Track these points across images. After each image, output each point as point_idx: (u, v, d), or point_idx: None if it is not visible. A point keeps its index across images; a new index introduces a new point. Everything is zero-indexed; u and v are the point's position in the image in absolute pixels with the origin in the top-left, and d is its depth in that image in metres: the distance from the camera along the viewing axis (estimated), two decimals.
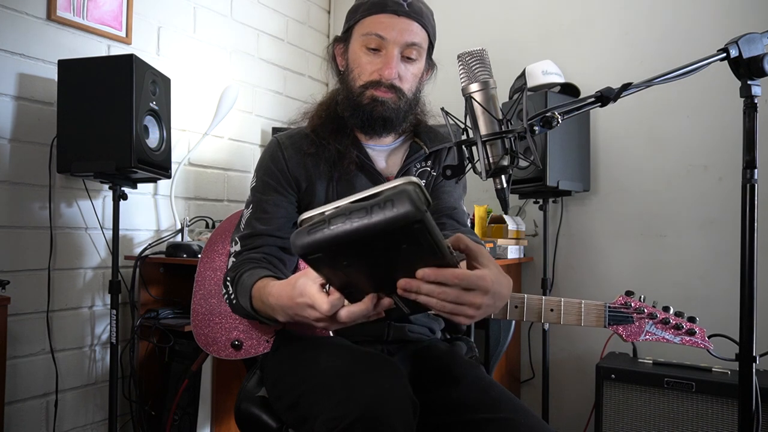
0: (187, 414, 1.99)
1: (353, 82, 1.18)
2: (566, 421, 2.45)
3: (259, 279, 1.05)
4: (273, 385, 1.13)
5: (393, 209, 0.65)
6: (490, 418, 0.98)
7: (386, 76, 1.14)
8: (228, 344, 1.22)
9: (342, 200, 0.75)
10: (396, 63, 1.14)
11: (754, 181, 0.97)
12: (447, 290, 0.80)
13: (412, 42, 1.15)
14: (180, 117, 2.29)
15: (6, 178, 1.83)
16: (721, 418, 1.78)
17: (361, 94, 1.17)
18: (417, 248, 0.72)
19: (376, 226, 0.66)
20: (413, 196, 0.65)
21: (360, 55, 1.17)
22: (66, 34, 1.97)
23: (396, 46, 1.14)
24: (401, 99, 1.17)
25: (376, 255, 0.73)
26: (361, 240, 0.68)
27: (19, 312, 1.84)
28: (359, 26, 1.17)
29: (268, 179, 1.21)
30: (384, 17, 1.13)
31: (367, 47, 1.15)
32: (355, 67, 1.18)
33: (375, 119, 1.17)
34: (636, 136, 2.34)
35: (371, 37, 1.14)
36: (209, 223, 2.37)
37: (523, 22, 2.63)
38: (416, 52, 1.17)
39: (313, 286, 0.86)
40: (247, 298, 1.06)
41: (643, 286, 2.29)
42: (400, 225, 0.65)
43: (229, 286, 1.15)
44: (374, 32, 1.14)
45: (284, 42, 2.89)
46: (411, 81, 1.19)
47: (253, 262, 1.14)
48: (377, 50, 1.15)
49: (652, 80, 0.94)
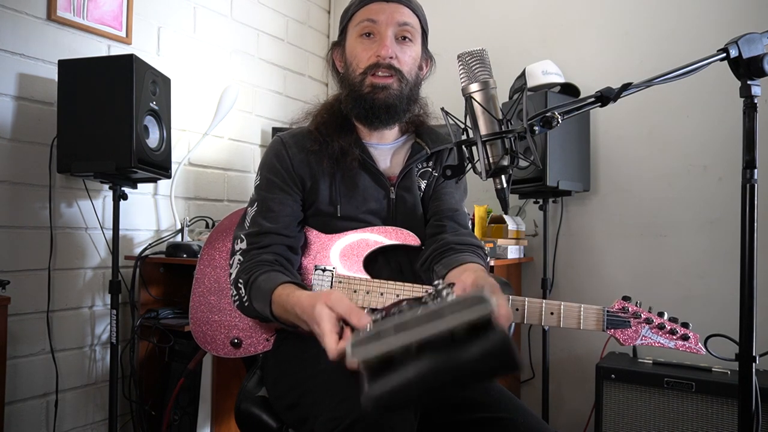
0: (187, 414, 1.99)
1: (353, 73, 1.19)
2: (566, 421, 2.45)
3: (280, 285, 1.05)
4: (273, 384, 1.13)
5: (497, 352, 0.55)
6: (490, 418, 0.98)
7: (383, 55, 1.15)
8: (227, 342, 1.22)
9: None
10: (391, 42, 1.16)
11: (754, 181, 0.97)
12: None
13: (405, 21, 1.17)
14: (180, 117, 2.29)
15: (6, 178, 1.83)
16: (721, 418, 1.78)
17: (362, 83, 1.17)
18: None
19: (471, 368, 0.56)
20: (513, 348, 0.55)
21: (355, 46, 1.19)
22: (66, 34, 1.97)
23: (389, 27, 1.16)
24: (401, 82, 1.18)
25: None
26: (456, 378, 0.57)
27: (19, 312, 1.83)
28: (352, 21, 1.20)
29: (273, 177, 1.21)
30: (374, 5, 1.17)
31: (360, 35, 1.17)
32: (353, 59, 1.19)
33: (378, 107, 1.17)
34: (636, 136, 2.34)
35: (363, 23, 1.17)
36: (209, 223, 2.37)
37: (523, 22, 2.63)
38: (410, 33, 1.18)
39: (327, 324, 0.83)
40: (266, 303, 1.05)
41: (643, 286, 2.29)
42: (499, 370, 0.56)
43: (242, 288, 1.13)
44: (366, 18, 1.16)
45: (284, 42, 2.89)
46: (410, 64, 1.19)
47: (267, 264, 1.13)
48: (371, 35, 1.17)
49: (652, 80, 0.94)
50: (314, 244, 1.23)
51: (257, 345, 1.21)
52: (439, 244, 1.17)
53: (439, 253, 1.16)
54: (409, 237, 1.20)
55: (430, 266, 1.17)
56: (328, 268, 1.20)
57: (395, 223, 1.22)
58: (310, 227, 1.24)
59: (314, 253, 1.23)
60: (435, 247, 1.17)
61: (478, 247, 1.20)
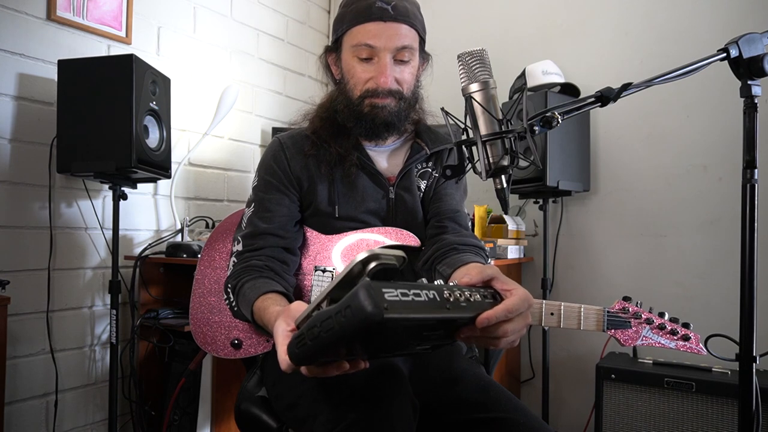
0: (187, 414, 1.99)
1: (351, 92, 1.18)
2: (566, 421, 2.45)
3: (261, 295, 1.05)
4: (273, 385, 1.13)
5: (353, 315, 0.60)
6: (490, 418, 0.98)
7: (382, 85, 1.14)
8: (227, 343, 1.22)
9: (322, 293, 0.73)
10: (390, 70, 1.14)
11: (754, 181, 0.97)
12: (515, 324, 0.80)
13: (403, 45, 1.14)
14: (180, 117, 2.29)
15: (6, 178, 1.83)
16: (721, 418, 1.78)
17: (360, 104, 1.17)
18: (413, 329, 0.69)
19: (345, 336, 0.62)
20: (364, 303, 0.59)
21: (353, 65, 1.17)
22: (66, 34, 1.97)
23: (387, 53, 1.13)
24: (401, 101, 1.18)
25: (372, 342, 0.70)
26: (344, 343, 0.65)
27: (19, 312, 1.83)
28: (348, 36, 1.17)
29: (270, 178, 1.22)
30: (371, 25, 1.12)
31: (358, 57, 1.15)
32: (350, 77, 1.18)
33: (378, 125, 1.18)
34: (636, 136, 2.34)
35: (361, 47, 1.14)
36: (209, 223, 2.37)
37: (523, 22, 2.63)
38: (408, 53, 1.16)
39: (279, 338, 0.82)
40: (249, 313, 1.07)
41: (643, 286, 2.29)
42: (366, 327, 0.61)
43: (230, 293, 1.15)
44: (363, 42, 1.13)
45: (284, 42, 2.89)
46: (409, 81, 1.19)
47: (255, 271, 1.13)
48: (369, 59, 1.15)
49: (652, 80, 0.94)
50: (314, 245, 1.23)
51: (257, 346, 1.21)
52: (441, 244, 1.17)
53: (441, 253, 1.15)
54: (409, 237, 1.20)
55: (432, 266, 1.17)
56: (328, 268, 1.20)
57: (395, 223, 1.22)
58: (309, 228, 1.24)
59: (314, 254, 1.23)
60: (437, 247, 1.17)
61: (480, 248, 1.20)
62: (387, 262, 0.69)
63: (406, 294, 0.64)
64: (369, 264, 0.67)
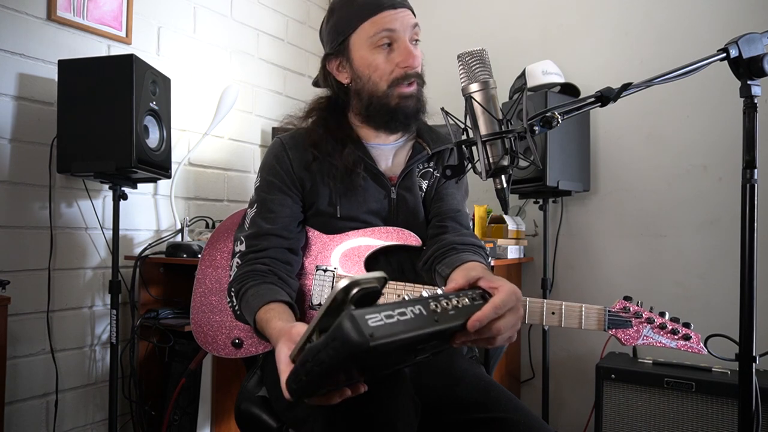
0: (187, 414, 1.99)
1: (375, 86, 1.18)
2: (566, 421, 2.45)
3: (264, 305, 1.04)
4: (273, 385, 1.13)
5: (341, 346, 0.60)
6: (490, 418, 0.98)
7: (413, 65, 1.16)
8: (228, 343, 1.22)
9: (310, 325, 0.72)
10: (414, 49, 1.17)
11: (754, 181, 0.97)
12: (507, 320, 0.81)
13: (415, 23, 1.18)
14: (180, 117, 2.29)
15: (6, 178, 1.83)
16: (721, 418, 1.78)
17: (388, 95, 1.17)
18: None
19: (337, 367, 0.63)
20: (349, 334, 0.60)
21: (374, 57, 1.16)
22: (66, 34, 1.97)
23: (407, 34, 1.16)
24: (421, 84, 1.20)
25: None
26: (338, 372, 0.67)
27: (19, 312, 1.83)
28: (360, 32, 1.17)
29: (273, 179, 1.22)
30: (385, 13, 1.15)
31: (378, 46, 1.16)
32: (373, 72, 1.17)
33: (407, 115, 1.19)
34: (636, 136, 2.34)
35: (381, 35, 1.15)
36: (209, 223, 2.37)
37: (523, 22, 2.63)
38: (419, 31, 1.20)
39: (283, 362, 0.81)
40: (251, 321, 1.07)
41: (643, 286, 2.29)
42: (355, 357, 0.61)
43: (233, 297, 1.14)
44: (383, 28, 1.15)
45: (284, 42, 2.89)
46: (421, 63, 1.21)
47: (259, 276, 1.13)
48: (390, 45, 1.16)
49: (652, 80, 0.94)
50: (315, 245, 1.23)
51: (258, 345, 1.21)
52: (441, 243, 1.17)
53: (441, 253, 1.15)
54: (410, 237, 1.20)
55: (432, 266, 1.17)
56: (329, 268, 1.20)
57: (396, 223, 1.22)
58: (311, 228, 1.24)
59: (315, 254, 1.23)
60: (437, 247, 1.17)
61: (480, 248, 1.20)
62: (367, 286, 0.68)
63: (391, 315, 0.63)
64: (351, 291, 0.67)
